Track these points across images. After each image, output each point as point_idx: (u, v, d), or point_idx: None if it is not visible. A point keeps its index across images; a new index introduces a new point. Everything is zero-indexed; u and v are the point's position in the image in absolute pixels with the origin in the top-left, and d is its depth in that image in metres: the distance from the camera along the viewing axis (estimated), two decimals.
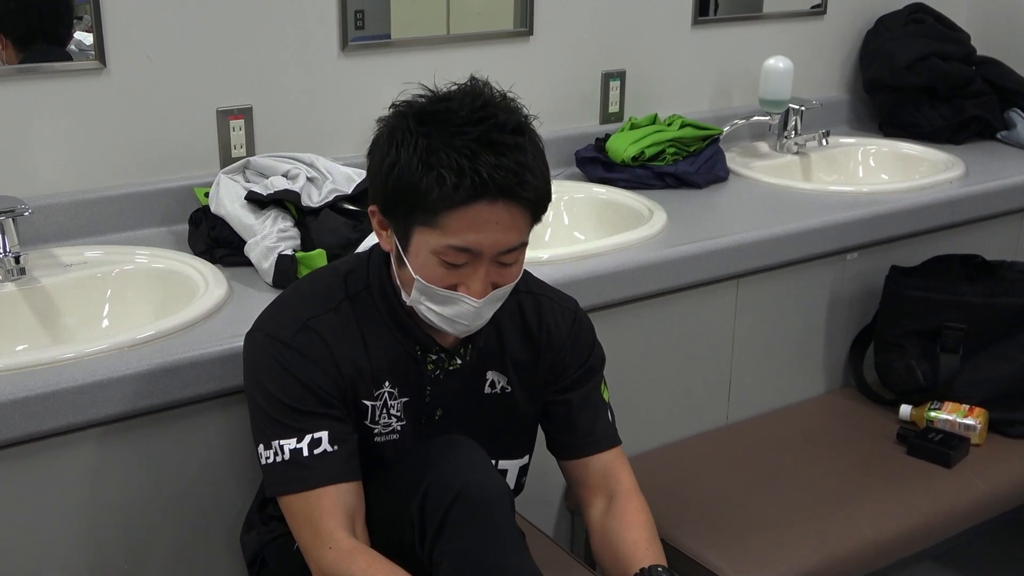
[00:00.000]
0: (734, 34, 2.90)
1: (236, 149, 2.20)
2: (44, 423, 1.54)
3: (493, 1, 2.51)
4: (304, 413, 1.42)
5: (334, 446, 1.41)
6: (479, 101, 1.34)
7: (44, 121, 2.02)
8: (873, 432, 2.37)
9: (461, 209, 1.30)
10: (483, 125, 1.31)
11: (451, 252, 1.33)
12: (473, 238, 1.32)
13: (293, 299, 1.50)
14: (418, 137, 1.31)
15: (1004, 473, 2.25)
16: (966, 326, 2.37)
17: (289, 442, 1.41)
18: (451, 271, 1.36)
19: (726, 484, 2.16)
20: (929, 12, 3.12)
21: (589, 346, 1.62)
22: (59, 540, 1.64)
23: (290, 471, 1.41)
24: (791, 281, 2.39)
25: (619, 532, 1.56)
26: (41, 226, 1.99)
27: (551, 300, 1.60)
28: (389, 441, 1.50)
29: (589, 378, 1.62)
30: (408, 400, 1.50)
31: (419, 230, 1.34)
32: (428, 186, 1.29)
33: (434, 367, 1.50)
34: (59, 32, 2.01)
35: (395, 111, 1.37)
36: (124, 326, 1.85)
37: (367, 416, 1.48)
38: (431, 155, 1.29)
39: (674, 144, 2.55)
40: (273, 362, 1.42)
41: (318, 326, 1.43)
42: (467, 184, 1.28)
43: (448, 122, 1.31)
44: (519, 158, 1.31)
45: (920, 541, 2.10)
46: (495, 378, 1.56)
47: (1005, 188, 2.69)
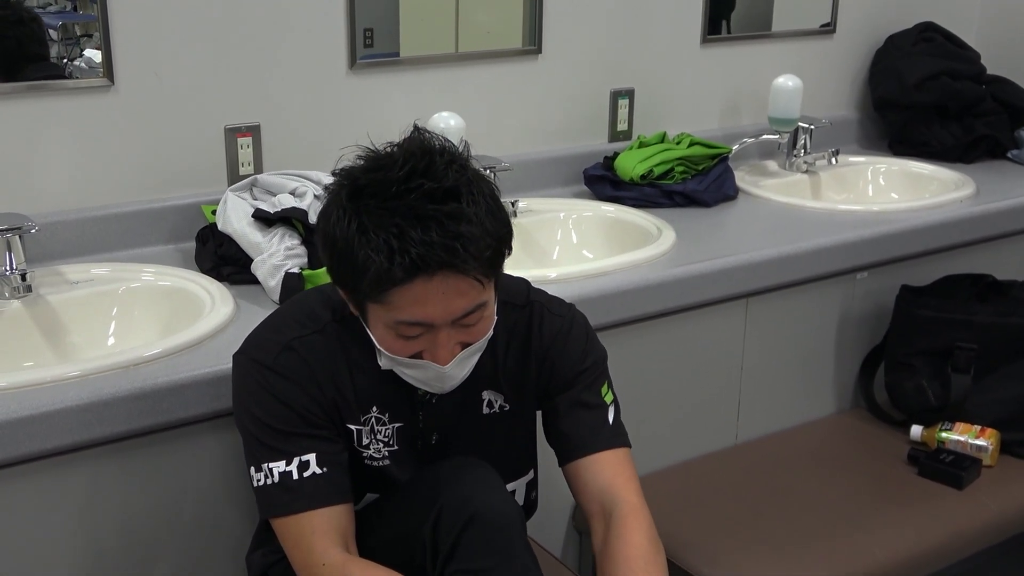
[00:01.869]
0: (743, 52, 2.90)
1: (244, 167, 2.20)
2: (49, 441, 1.53)
3: (502, 19, 2.52)
4: (291, 435, 1.41)
5: (323, 468, 1.41)
6: (408, 166, 1.27)
7: (52, 138, 2.02)
8: (884, 453, 2.36)
9: (401, 287, 1.26)
10: (410, 196, 1.25)
11: (403, 327, 1.32)
12: (421, 312, 1.29)
13: (278, 321, 1.49)
14: (350, 216, 1.27)
15: (1016, 495, 2.23)
16: (977, 346, 2.35)
17: (278, 465, 1.41)
18: (411, 341, 1.34)
19: (735, 505, 2.14)
20: (939, 31, 3.12)
21: (580, 350, 1.56)
22: (62, 560, 1.63)
23: (280, 494, 1.41)
24: (801, 300, 2.38)
25: (615, 560, 1.46)
26: (48, 243, 1.99)
27: (544, 307, 1.56)
28: (380, 467, 1.49)
29: (581, 381, 1.56)
30: (402, 426, 1.49)
31: (370, 306, 1.33)
32: (365, 267, 1.26)
33: (424, 392, 1.47)
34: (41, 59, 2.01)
35: (334, 182, 1.33)
36: (130, 344, 1.84)
37: (354, 440, 1.47)
38: (362, 235, 1.26)
39: (683, 162, 2.55)
40: (257, 386, 1.42)
41: (300, 347, 1.43)
42: (398, 265, 1.24)
43: (378, 195, 1.26)
44: (451, 228, 1.24)
45: (931, 564, 2.08)
46: (491, 398, 1.54)
47: (1016, 207, 2.68)
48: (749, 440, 2.41)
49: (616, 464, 1.55)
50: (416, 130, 1.35)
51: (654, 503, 2.11)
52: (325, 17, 2.23)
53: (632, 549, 1.46)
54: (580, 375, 1.56)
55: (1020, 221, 2.71)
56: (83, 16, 2.03)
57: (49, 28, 2.02)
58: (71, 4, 2.03)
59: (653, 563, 1.46)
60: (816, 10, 3.03)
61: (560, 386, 1.55)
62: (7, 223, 1.83)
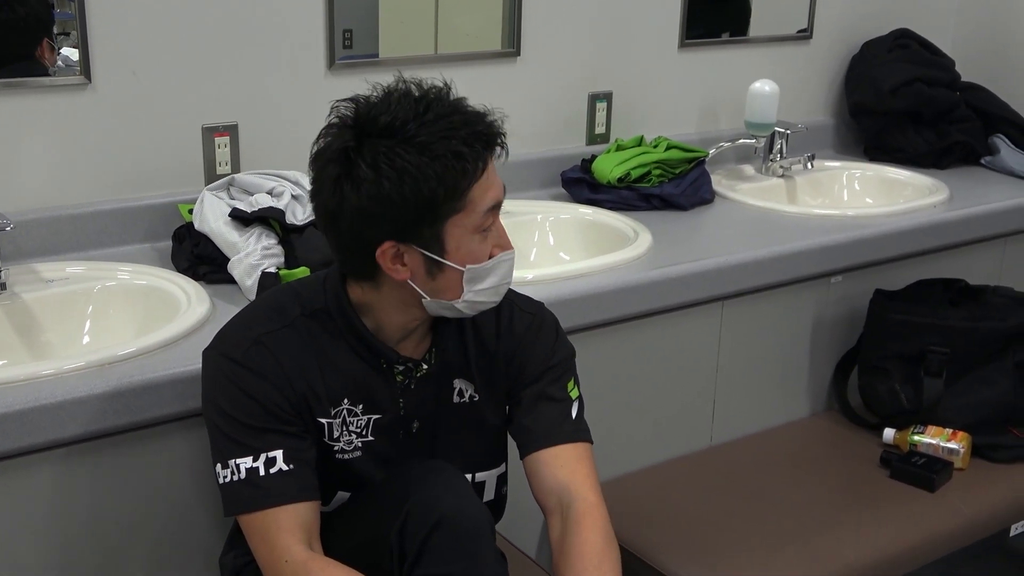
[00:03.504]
0: (720, 57, 2.91)
1: (221, 166, 2.20)
2: (22, 440, 1.52)
3: (481, 22, 2.52)
4: (258, 431, 1.41)
5: (289, 464, 1.41)
6: (409, 97, 1.37)
7: (27, 136, 2.01)
8: (856, 455, 2.37)
9: (478, 179, 1.35)
10: (436, 108, 1.35)
11: (487, 217, 1.39)
12: (495, 193, 1.39)
13: (248, 316, 1.49)
14: (402, 150, 1.31)
15: (987, 497, 2.25)
16: (949, 350, 2.37)
17: (245, 461, 1.41)
18: (485, 240, 1.40)
19: (709, 507, 2.15)
20: (914, 37, 3.14)
21: (549, 347, 1.59)
22: (31, 558, 1.62)
23: (246, 490, 1.41)
24: (775, 304, 2.39)
25: (570, 557, 1.46)
26: (22, 241, 1.98)
27: (513, 304, 1.59)
28: (352, 459, 1.49)
29: (548, 376, 1.58)
30: (380, 417, 1.49)
31: (451, 221, 1.36)
32: (452, 171, 1.32)
33: (403, 377, 1.49)
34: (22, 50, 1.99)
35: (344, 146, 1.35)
36: (105, 343, 1.83)
37: (325, 435, 1.47)
38: (427, 152, 1.31)
39: (660, 166, 2.56)
40: (227, 380, 1.42)
41: (270, 342, 1.43)
42: (478, 148, 1.34)
43: (406, 123, 1.33)
44: (478, 115, 1.38)
45: (902, 566, 2.10)
46: (462, 387, 1.55)
47: (989, 213, 2.71)
48: (724, 442, 2.42)
49: (576, 460, 1.55)
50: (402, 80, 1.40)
51: (629, 505, 2.12)
52: (304, 17, 2.23)
53: (587, 547, 1.47)
54: (548, 371, 1.58)
55: (993, 227, 2.73)
56: (60, 14, 2.02)
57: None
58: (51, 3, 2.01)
59: (607, 561, 1.47)
60: (793, 16, 3.04)
61: (527, 381, 1.57)
62: None
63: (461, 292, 1.41)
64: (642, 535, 2.03)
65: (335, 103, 1.40)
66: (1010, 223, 2.77)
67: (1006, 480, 2.31)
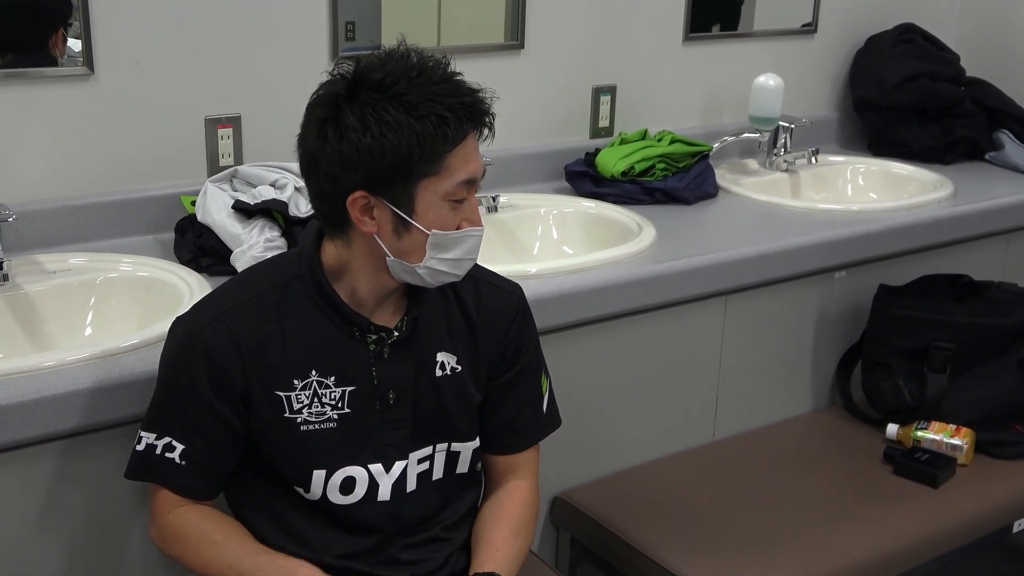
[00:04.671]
0: (725, 51, 2.91)
1: (224, 158, 2.20)
2: (24, 431, 1.52)
3: (484, 14, 2.52)
4: (175, 418, 1.46)
5: (181, 461, 1.46)
6: (400, 56, 1.39)
7: (30, 126, 2.01)
8: (859, 451, 2.37)
9: (457, 147, 1.37)
10: (427, 73, 1.37)
11: (460, 188, 1.40)
12: (472, 167, 1.40)
13: (221, 291, 1.52)
14: (390, 105, 1.34)
15: (990, 494, 2.25)
16: (954, 346, 2.37)
17: (148, 436, 1.47)
18: (455, 211, 1.41)
19: (711, 501, 2.15)
20: (919, 32, 3.13)
21: (528, 339, 1.63)
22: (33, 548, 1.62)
23: (136, 461, 1.48)
24: (779, 298, 2.39)
25: (492, 510, 1.63)
26: (25, 232, 1.98)
27: (492, 285, 1.61)
28: (324, 430, 1.48)
29: (527, 374, 1.63)
30: (354, 389, 1.48)
31: (424, 183, 1.38)
32: (431, 134, 1.34)
33: (376, 346, 1.49)
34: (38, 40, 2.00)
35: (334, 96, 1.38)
36: (107, 334, 1.83)
37: (284, 408, 1.46)
38: (415, 110, 1.34)
39: (664, 160, 2.55)
40: (177, 352, 1.46)
41: (231, 319, 1.44)
42: (463, 119, 1.36)
43: (400, 81, 1.35)
44: (470, 90, 1.40)
45: (905, 562, 2.10)
46: (445, 359, 1.55)
47: (993, 209, 2.70)
48: (726, 437, 2.42)
49: (531, 452, 1.68)
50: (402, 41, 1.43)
51: (631, 499, 2.12)
52: (308, 9, 2.23)
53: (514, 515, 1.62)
54: (525, 352, 1.63)
55: (997, 222, 2.73)
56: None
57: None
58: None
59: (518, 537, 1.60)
60: (798, 10, 3.04)
61: (517, 372, 1.61)
62: None
63: (423, 256, 1.42)
64: (644, 529, 2.03)
65: (339, 58, 1.44)
66: (1014, 219, 2.77)
67: (1010, 476, 2.31)
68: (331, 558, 1.51)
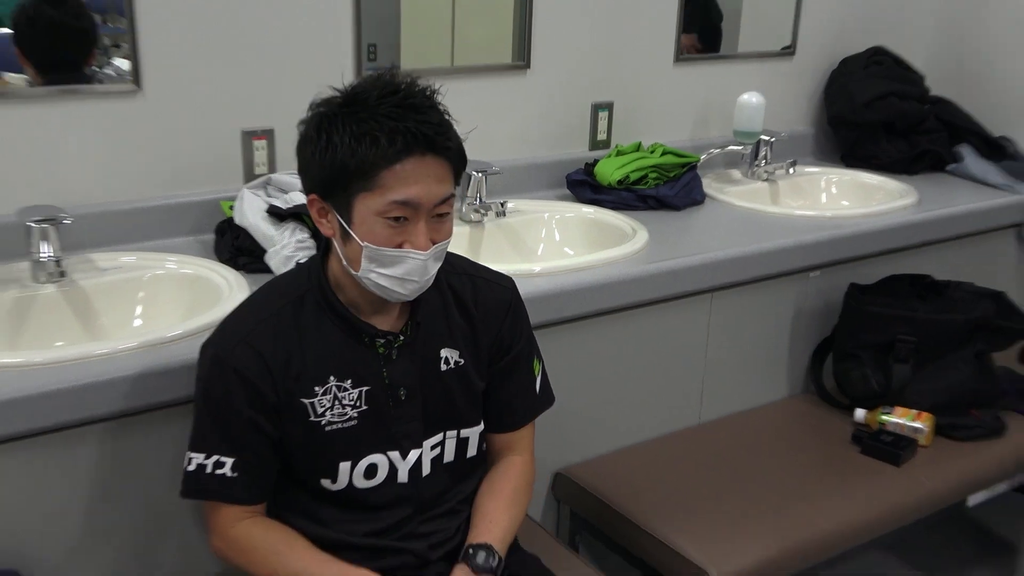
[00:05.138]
0: (712, 71, 2.91)
1: (259, 167, 2.21)
2: (78, 412, 1.54)
3: (493, 37, 2.52)
4: (220, 436, 1.44)
5: (234, 472, 1.44)
6: (386, 79, 1.37)
7: (85, 138, 2.02)
8: (830, 433, 2.38)
9: (396, 165, 1.32)
10: (399, 94, 1.34)
11: (394, 207, 1.34)
12: (411, 191, 1.33)
13: (243, 311, 1.49)
14: (344, 117, 1.34)
15: (948, 472, 2.26)
16: (916, 339, 2.38)
17: (198, 457, 1.44)
18: (395, 230, 1.36)
19: (697, 478, 2.16)
20: (888, 54, 3.13)
21: (522, 330, 1.62)
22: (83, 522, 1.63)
23: (191, 481, 1.45)
24: (759, 296, 2.40)
25: (490, 484, 1.62)
26: (80, 233, 1.98)
27: (487, 280, 1.59)
28: (348, 427, 1.48)
29: (521, 361, 1.62)
30: (369, 389, 1.48)
31: (360, 197, 1.34)
32: (364, 152, 1.31)
33: (384, 348, 1.48)
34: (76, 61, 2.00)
35: (315, 112, 1.39)
36: (154, 326, 1.84)
37: (309, 414, 1.46)
38: (361, 125, 1.32)
39: (656, 170, 2.56)
40: (212, 379, 1.43)
41: (255, 339, 1.42)
42: (399, 141, 1.31)
43: (369, 98, 1.34)
44: (438, 117, 1.35)
45: (871, 532, 2.11)
46: (448, 355, 1.54)
47: (954, 215, 2.71)
48: (711, 420, 2.43)
49: (526, 430, 1.67)
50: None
51: (624, 475, 2.13)
52: (334, 33, 2.24)
53: (509, 485, 1.62)
54: (521, 339, 1.62)
55: (957, 227, 2.73)
56: (113, 29, 2.03)
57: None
58: (101, 18, 2.02)
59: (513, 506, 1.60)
60: (778, 34, 3.04)
61: (512, 359, 1.61)
62: (44, 214, 1.84)
63: (360, 266, 1.40)
64: (636, 503, 2.04)
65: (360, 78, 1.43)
66: (973, 224, 2.77)
67: (965, 456, 2.31)
68: (356, 538, 1.51)
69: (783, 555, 1.95)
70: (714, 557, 1.90)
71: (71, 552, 1.62)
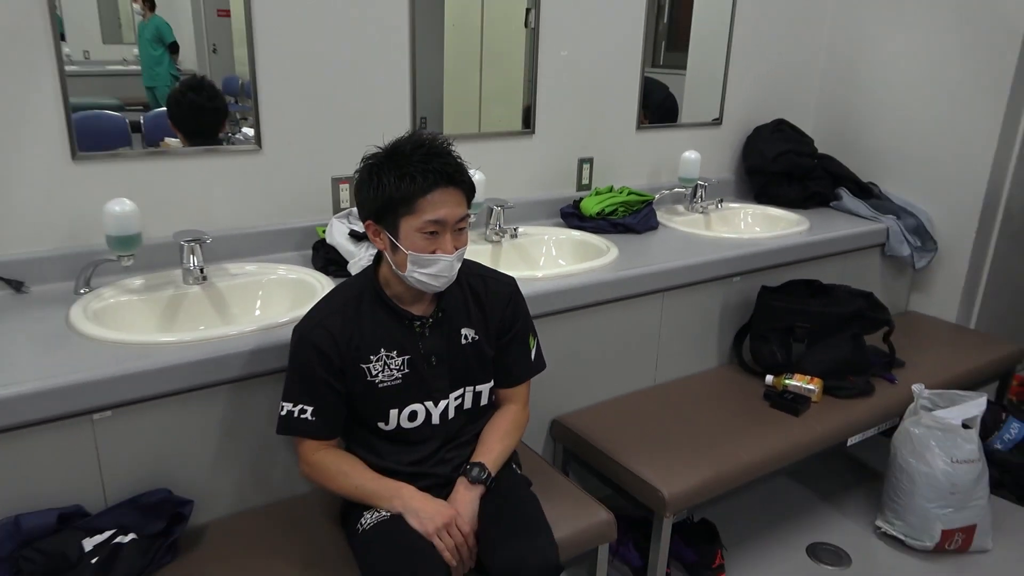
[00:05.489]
0: (662, 136, 2.88)
1: (343, 202, 2.19)
2: (215, 376, 1.53)
3: (508, 113, 2.50)
4: (303, 391, 1.44)
5: (314, 418, 1.44)
6: (417, 138, 1.39)
7: (221, 183, 2.01)
8: (748, 392, 2.34)
9: (429, 195, 1.36)
10: (425, 146, 1.37)
11: (428, 225, 1.37)
12: (439, 213, 1.37)
13: (322, 304, 1.49)
14: (388, 164, 1.36)
15: (832, 420, 2.22)
16: (809, 325, 2.34)
17: (288, 405, 1.44)
18: (429, 241, 1.39)
19: (653, 424, 2.13)
20: (788, 124, 3.10)
21: (519, 314, 1.60)
22: (211, 459, 1.62)
23: (283, 423, 1.46)
24: (697, 295, 2.36)
25: (491, 423, 1.59)
26: (217, 249, 1.99)
27: (495, 279, 1.58)
28: (394, 385, 1.48)
29: (517, 325, 1.59)
30: (410, 357, 1.48)
31: (404, 220, 1.37)
32: (406, 188, 1.35)
33: (419, 328, 1.48)
34: (212, 130, 2.00)
35: (366, 163, 1.40)
36: (269, 314, 1.83)
37: (367, 375, 1.46)
38: (402, 169, 1.35)
39: (623, 205, 2.53)
40: (297, 351, 1.44)
41: (329, 324, 1.44)
42: (430, 177, 1.35)
43: (403, 152, 1.37)
44: (454, 160, 1.39)
45: (778, 463, 2.07)
46: (467, 332, 1.53)
47: (835, 238, 2.67)
48: (663, 383, 2.39)
49: (522, 387, 1.64)
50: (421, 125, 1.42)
51: (600, 422, 2.11)
52: (398, 110, 2.22)
53: (504, 422, 1.59)
54: (519, 322, 1.59)
55: (838, 246, 2.69)
56: (242, 107, 2.02)
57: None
58: (234, 99, 2.01)
59: (508, 436, 1.57)
60: (709, 109, 3.01)
61: (507, 328, 1.58)
62: (192, 236, 1.83)
63: (406, 269, 1.41)
64: (610, 441, 2.02)
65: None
66: (849, 244, 2.73)
67: (846, 410, 2.27)
68: (401, 465, 1.50)
69: (716, 479, 1.93)
70: (667, 480, 1.87)
71: (207, 475, 1.61)
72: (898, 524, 2.31)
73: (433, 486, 1.51)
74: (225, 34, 1.95)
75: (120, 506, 1.48)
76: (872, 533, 2.37)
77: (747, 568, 2.19)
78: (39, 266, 1.79)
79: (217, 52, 1.97)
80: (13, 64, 1.69)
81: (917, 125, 2.94)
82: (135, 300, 1.76)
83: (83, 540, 1.40)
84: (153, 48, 1.91)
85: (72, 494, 1.47)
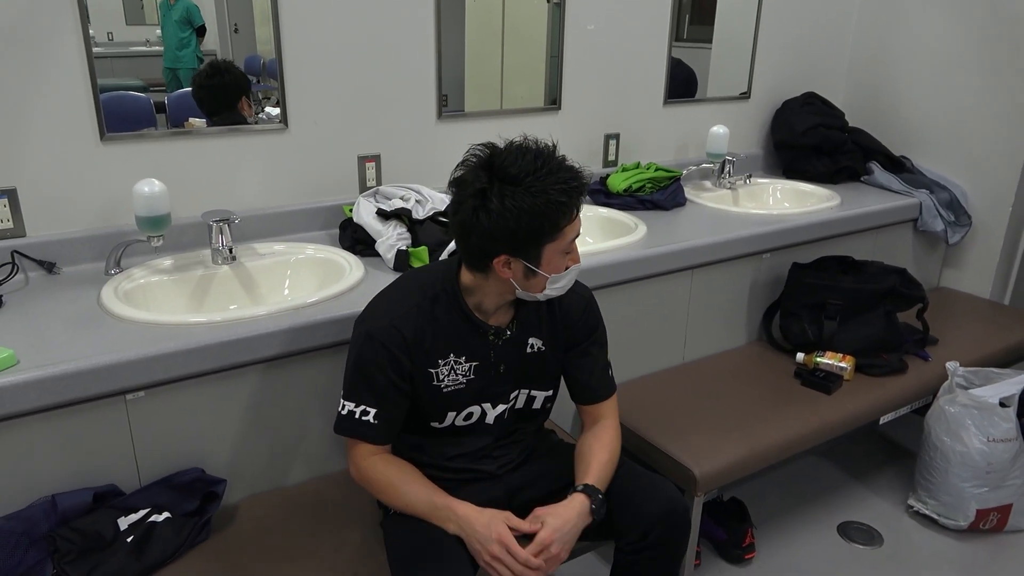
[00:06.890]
0: (690, 110, 2.81)
1: (370, 181, 2.16)
2: (245, 356, 1.52)
3: (532, 88, 2.45)
4: (367, 391, 1.37)
5: (375, 420, 1.38)
6: (530, 154, 1.27)
7: (248, 163, 1.99)
8: (779, 371, 2.29)
9: (570, 219, 1.30)
10: (549, 164, 1.27)
11: (570, 244, 1.33)
12: (576, 227, 1.32)
13: (389, 300, 1.40)
14: (524, 193, 1.25)
15: (864, 399, 2.17)
16: (842, 302, 2.28)
17: (349, 404, 1.38)
18: (565, 258, 1.35)
19: (683, 402, 2.09)
20: (818, 97, 3.01)
21: (596, 323, 1.54)
22: (240, 436, 1.61)
23: (343, 423, 1.39)
24: (726, 271, 2.31)
25: (591, 446, 1.49)
26: (245, 229, 1.97)
27: (572, 291, 1.51)
28: (457, 389, 1.44)
29: (591, 337, 1.53)
30: (478, 364, 1.43)
31: (548, 246, 1.31)
32: (552, 215, 1.27)
33: (495, 339, 1.44)
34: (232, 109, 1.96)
35: (463, 190, 1.28)
36: (298, 294, 1.82)
37: (433, 379, 1.41)
38: (541, 197, 1.25)
39: (651, 181, 2.48)
40: (364, 349, 1.36)
41: (400, 324, 1.36)
42: (573, 197, 1.28)
43: (527, 175, 1.25)
44: (574, 168, 1.30)
45: (809, 442, 2.03)
46: (534, 342, 1.49)
47: (867, 213, 2.59)
48: (692, 361, 2.35)
49: (609, 403, 1.56)
50: (525, 138, 1.32)
51: (631, 400, 2.08)
52: (422, 88, 2.18)
53: (606, 438, 1.51)
54: (593, 333, 1.53)
55: (870, 221, 2.62)
56: (265, 86, 1.99)
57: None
58: (257, 79, 1.98)
59: (611, 462, 1.49)
60: (738, 83, 2.93)
61: (579, 339, 1.52)
62: (220, 216, 1.81)
63: (543, 290, 1.36)
64: (640, 420, 1.99)
65: (472, 147, 1.32)
66: (881, 219, 2.66)
67: (878, 388, 2.21)
68: (446, 460, 1.47)
69: (746, 458, 1.89)
70: (697, 459, 1.84)
71: (238, 455, 1.61)
72: (931, 503, 2.26)
73: (477, 479, 1.49)
74: (247, 13, 1.92)
75: (154, 485, 1.48)
76: (904, 512, 2.32)
77: (777, 547, 2.16)
78: (70, 247, 1.79)
79: (239, 31, 1.93)
80: (42, 46, 1.67)
81: (951, 98, 2.84)
82: (165, 280, 1.75)
83: (118, 519, 1.40)
84: (181, 30, 1.89)
85: (107, 473, 1.47)
